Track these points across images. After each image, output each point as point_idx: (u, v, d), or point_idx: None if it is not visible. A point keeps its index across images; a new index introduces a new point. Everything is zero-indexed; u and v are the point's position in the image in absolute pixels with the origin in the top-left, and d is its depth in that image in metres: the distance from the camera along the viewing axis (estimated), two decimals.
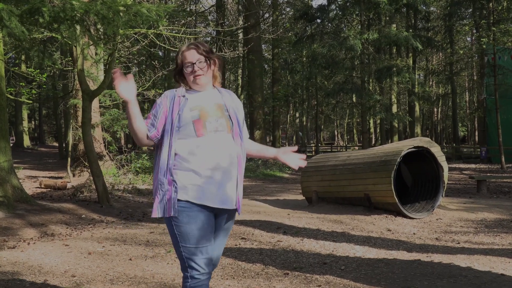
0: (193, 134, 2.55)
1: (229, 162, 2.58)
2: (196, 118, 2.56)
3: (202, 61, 2.63)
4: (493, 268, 4.49)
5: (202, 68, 2.63)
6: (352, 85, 21.49)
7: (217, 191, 2.55)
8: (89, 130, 9.04)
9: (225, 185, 2.57)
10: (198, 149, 2.54)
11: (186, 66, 2.63)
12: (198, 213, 2.53)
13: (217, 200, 2.55)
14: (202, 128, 2.55)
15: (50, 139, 50.93)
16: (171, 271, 4.54)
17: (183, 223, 2.52)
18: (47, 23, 5.75)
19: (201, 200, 2.53)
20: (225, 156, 2.57)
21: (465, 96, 45.78)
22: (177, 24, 12.75)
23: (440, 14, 31.12)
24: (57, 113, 30.71)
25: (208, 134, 2.55)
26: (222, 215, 2.67)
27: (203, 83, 2.66)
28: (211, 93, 2.70)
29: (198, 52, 2.64)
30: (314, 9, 23.07)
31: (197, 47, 2.65)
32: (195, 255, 2.54)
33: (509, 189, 12.06)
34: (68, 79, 16.93)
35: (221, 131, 2.59)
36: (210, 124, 2.57)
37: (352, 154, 8.67)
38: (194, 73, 2.62)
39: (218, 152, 2.55)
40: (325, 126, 53.12)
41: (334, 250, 5.42)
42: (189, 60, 2.63)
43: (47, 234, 6.47)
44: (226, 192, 2.58)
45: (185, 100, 2.61)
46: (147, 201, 9.62)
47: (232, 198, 2.61)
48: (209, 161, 2.54)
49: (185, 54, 2.65)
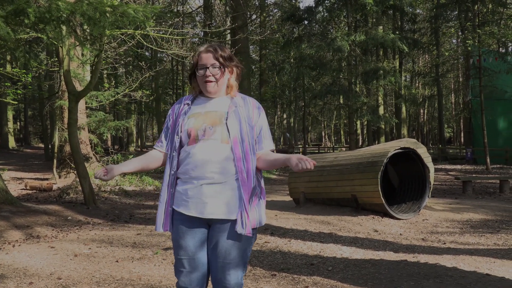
0: (186, 142, 2.46)
1: (220, 172, 2.39)
2: (190, 126, 2.45)
3: (216, 66, 2.46)
4: (478, 268, 4.53)
5: (214, 74, 2.46)
6: (339, 87, 21.55)
7: (200, 201, 2.41)
8: (75, 132, 8.98)
9: (212, 196, 2.40)
10: (187, 158, 2.43)
11: (199, 69, 2.48)
12: (178, 222, 2.47)
13: (194, 210, 2.42)
14: (194, 136, 2.43)
15: (36, 140, 50.45)
16: (158, 273, 4.52)
17: (172, 231, 2.52)
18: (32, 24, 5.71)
19: (179, 207, 2.46)
20: (215, 166, 2.39)
21: (451, 98, 46.22)
22: (165, 25, 12.73)
23: (426, 16, 31.36)
24: (43, 114, 30.44)
25: (199, 143, 2.42)
26: (214, 227, 2.46)
27: (213, 91, 2.49)
28: (219, 100, 2.53)
29: (214, 57, 2.47)
30: (301, 11, 23.13)
31: (215, 51, 2.48)
32: (177, 264, 2.50)
33: (494, 189, 12.18)
34: (54, 80, 16.81)
35: (214, 140, 2.41)
36: (202, 133, 2.42)
37: (339, 155, 8.71)
38: (205, 78, 2.46)
39: (206, 162, 2.39)
40: (313, 127, 53.24)
41: (321, 251, 5.44)
42: (203, 63, 2.47)
43: (32, 236, 6.41)
44: (211, 203, 2.40)
45: (188, 108, 2.52)
46: (134, 203, 9.58)
47: (223, 210, 2.41)
48: (194, 169, 2.41)
49: (201, 56, 2.49)
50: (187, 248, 2.44)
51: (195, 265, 2.46)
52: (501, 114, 23.09)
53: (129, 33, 10.56)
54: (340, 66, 22.26)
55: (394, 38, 19.77)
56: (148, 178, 13.28)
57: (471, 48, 20.58)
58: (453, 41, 39.94)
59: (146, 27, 9.04)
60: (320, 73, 22.41)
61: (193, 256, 2.45)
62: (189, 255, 2.45)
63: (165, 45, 12.04)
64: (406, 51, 20.83)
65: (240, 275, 2.48)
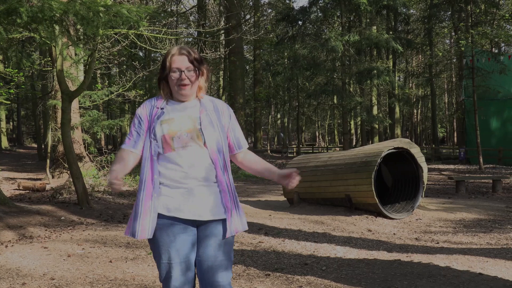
0: (161, 149, 2.42)
1: (202, 177, 2.42)
2: (164, 133, 2.41)
3: (191, 69, 2.44)
4: (471, 268, 4.55)
5: (190, 77, 2.44)
6: (333, 87, 21.61)
7: (189, 204, 2.41)
8: (68, 131, 8.94)
9: (200, 198, 2.42)
10: (168, 163, 2.42)
11: (173, 71, 2.43)
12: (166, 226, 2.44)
13: (187, 213, 2.42)
14: (170, 143, 2.40)
15: (29, 140, 50.23)
16: (152, 273, 4.51)
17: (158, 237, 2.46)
18: (25, 23, 5.68)
19: (169, 212, 2.42)
20: (193, 170, 2.41)
21: (444, 98, 46.44)
22: (158, 24, 12.69)
23: (419, 17, 31.49)
24: (36, 114, 30.31)
25: (176, 151, 2.40)
26: (202, 229, 2.48)
27: (188, 94, 2.47)
28: (190, 104, 2.51)
29: (189, 60, 2.44)
30: (295, 11, 23.19)
31: (189, 54, 2.45)
32: (164, 270, 2.46)
33: (487, 189, 12.24)
34: (47, 80, 16.73)
35: (192, 146, 2.41)
36: (178, 140, 2.40)
37: (333, 155, 8.72)
38: (180, 81, 2.42)
39: (185, 168, 2.40)
40: (307, 127, 53.29)
41: (315, 250, 5.44)
42: (177, 66, 2.42)
43: (25, 236, 6.38)
44: (200, 205, 2.42)
45: (161, 112, 2.46)
46: (128, 203, 9.55)
47: (207, 211, 2.43)
48: (179, 174, 2.41)
49: (174, 58, 2.44)
50: (179, 251, 2.41)
51: (187, 268, 2.44)
52: (494, 114, 23.19)
53: (122, 33, 10.52)
54: (334, 66, 22.32)
55: (388, 38, 19.85)
56: None
57: (464, 48, 20.67)
58: (446, 42, 40.15)
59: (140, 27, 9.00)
60: (314, 73, 22.46)
61: (186, 259, 2.43)
62: (181, 259, 2.42)
63: (158, 45, 12.01)
64: (400, 51, 20.91)
65: (230, 275, 2.50)
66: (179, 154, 2.40)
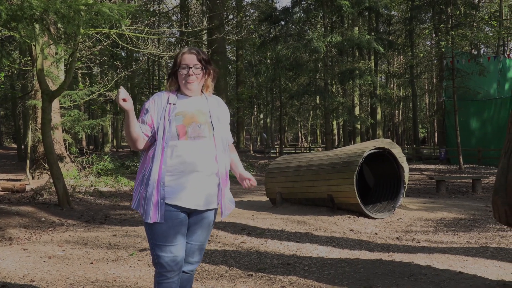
0: (175, 137, 2.63)
1: (207, 168, 2.67)
2: (179, 124, 2.64)
3: (198, 67, 2.72)
4: (452, 266, 4.61)
5: (196, 74, 2.71)
6: (315, 87, 21.68)
7: (191, 194, 2.64)
8: (49, 131, 8.84)
9: (200, 189, 2.66)
10: (177, 152, 2.63)
11: (182, 68, 2.71)
12: (170, 213, 2.64)
13: (190, 202, 2.65)
14: (185, 133, 2.64)
15: (8, 140, 49.54)
16: (134, 274, 4.48)
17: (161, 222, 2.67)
18: (4, 22, 5.59)
19: (173, 200, 2.62)
20: (202, 161, 2.65)
21: (425, 99, 46.92)
22: (140, 24, 12.60)
23: (401, 18, 31.74)
24: (15, 114, 29.86)
25: (189, 140, 2.64)
26: (196, 216, 2.75)
27: (194, 89, 2.74)
28: (197, 99, 2.78)
29: (197, 58, 2.72)
30: (278, 11, 23.23)
31: (197, 53, 2.73)
32: (162, 252, 2.65)
33: (467, 189, 12.40)
34: (27, 79, 16.53)
35: (203, 137, 2.67)
36: (192, 130, 2.65)
37: (315, 156, 8.75)
38: (188, 77, 2.70)
39: (195, 158, 2.63)
40: (289, 128, 53.42)
41: (297, 250, 5.46)
42: (186, 63, 2.70)
43: (4, 238, 6.28)
44: (201, 195, 2.67)
45: (174, 107, 2.69)
46: (109, 204, 9.47)
47: (208, 201, 2.71)
48: (185, 164, 2.62)
49: (184, 56, 2.73)
50: (178, 236, 2.66)
51: (182, 249, 2.70)
52: (474, 114, 23.50)
53: (104, 32, 10.43)
54: (316, 67, 22.40)
55: (370, 39, 19.98)
56: (123, 179, 13.16)
57: (445, 49, 20.93)
58: (427, 43, 40.55)
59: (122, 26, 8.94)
60: (297, 74, 22.53)
61: (183, 242, 2.70)
62: (180, 242, 2.67)
63: (140, 45, 11.94)
64: (382, 52, 21.06)
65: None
66: (190, 144, 2.64)
